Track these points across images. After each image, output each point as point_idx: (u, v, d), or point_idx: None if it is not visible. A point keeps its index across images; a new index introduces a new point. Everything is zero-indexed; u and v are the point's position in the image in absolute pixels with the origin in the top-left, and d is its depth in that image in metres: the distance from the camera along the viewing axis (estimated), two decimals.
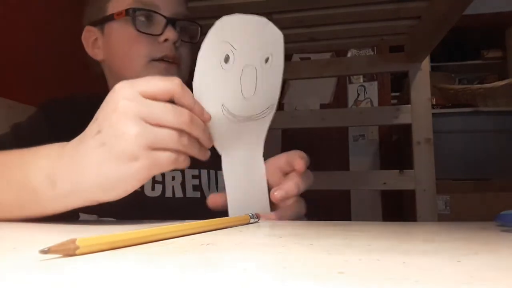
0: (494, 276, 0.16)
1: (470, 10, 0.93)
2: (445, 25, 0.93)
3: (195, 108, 0.37)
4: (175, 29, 0.59)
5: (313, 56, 1.72)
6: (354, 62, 1.38)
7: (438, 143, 1.27)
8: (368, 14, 1.01)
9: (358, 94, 2.58)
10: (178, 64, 0.61)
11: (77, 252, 0.20)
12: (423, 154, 1.20)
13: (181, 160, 0.35)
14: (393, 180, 1.24)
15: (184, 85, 0.37)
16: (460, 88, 1.96)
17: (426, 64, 1.22)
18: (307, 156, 0.47)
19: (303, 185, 0.46)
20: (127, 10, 0.60)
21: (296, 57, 1.99)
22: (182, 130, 0.35)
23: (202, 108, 0.38)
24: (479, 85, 2.01)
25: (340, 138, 2.53)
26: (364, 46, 2.26)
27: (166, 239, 0.27)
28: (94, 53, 0.66)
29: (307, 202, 0.53)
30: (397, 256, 0.20)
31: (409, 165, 1.23)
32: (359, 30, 1.10)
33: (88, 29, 0.66)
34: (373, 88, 2.55)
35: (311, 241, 0.26)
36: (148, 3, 0.60)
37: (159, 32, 0.59)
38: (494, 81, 1.99)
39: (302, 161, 0.46)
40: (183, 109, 0.36)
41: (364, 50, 2.43)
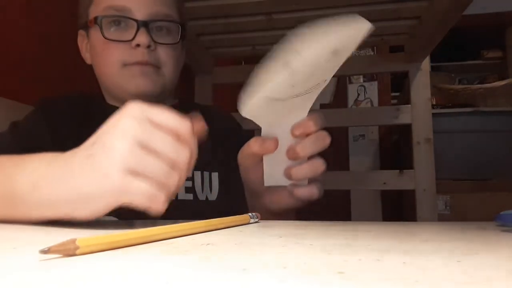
0: (494, 276, 0.16)
1: (470, 10, 0.93)
2: (445, 25, 0.93)
3: (191, 159, 0.35)
4: (149, 32, 0.58)
5: None
6: (354, 62, 1.38)
7: (438, 143, 1.27)
8: (368, 14, 1.00)
9: (358, 94, 2.59)
10: (157, 66, 0.60)
11: (77, 252, 0.20)
12: (423, 154, 1.20)
13: (157, 200, 0.31)
14: (393, 180, 1.24)
15: (193, 129, 0.35)
16: (460, 88, 1.96)
17: (426, 64, 1.22)
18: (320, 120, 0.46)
19: (320, 124, 0.45)
20: (95, 18, 0.60)
21: None
22: (172, 169, 0.33)
23: (192, 166, 0.36)
24: (479, 85, 2.01)
25: (340, 138, 2.53)
26: (364, 46, 2.26)
27: (166, 239, 0.27)
28: (85, 57, 0.67)
29: (307, 203, 0.53)
30: (397, 256, 0.20)
31: (409, 165, 1.23)
32: None
33: (80, 33, 0.67)
34: (373, 88, 2.56)
35: (311, 241, 0.26)
36: (119, 7, 0.59)
37: (131, 37, 0.58)
38: (494, 81, 1.99)
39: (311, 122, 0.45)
40: (183, 148, 0.34)
41: (364, 50, 2.43)
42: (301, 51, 0.38)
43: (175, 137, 0.33)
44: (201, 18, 1.01)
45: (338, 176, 1.29)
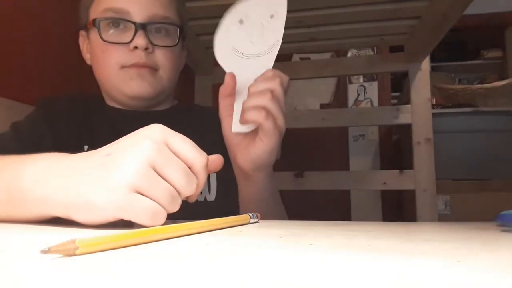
0: (494, 276, 0.16)
1: (470, 10, 0.93)
2: (445, 25, 0.94)
3: (198, 190, 0.36)
4: (147, 35, 0.59)
5: (313, 56, 1.72)
6: (354, 62, 1.38)
7: (438, 143, 1.27)
8: (368, 14, 1.01)
9: (358, 94, 2.59)
10: (154, 69, 0.61)
11: (77, 252, 0.20)
12: (423, 154, 1.20)
13: (157, 220, 0.32)
14: (393, 180, 1.24)
15: (206, 167, 0.36)
16: (460, 88, 1.96)
17: (426, 64, 1.23)
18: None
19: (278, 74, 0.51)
20: (93, 20, 0.60)
21: (296, 57, 1.99)
22: (178, 195, 0.33)
23: (197, 195, 0.37)
24: (479, 85, 2.01)
25: (340, 138, 2.53)
26: (364, 46, 2.26)
27: (166, 239, 0.27)
28: (86, 58, 0.67)
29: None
30: (397, 256, 0.20)
31: (409, 165, 1.23)
32: (359, 30, 1.10)
33: (81, 33, 0.67)
34: (373, 88, 2.56)
35: (311, 241, 0.26)
36: (118, 10, 0.59)
37: (129, 39, 0.58)
38: (494, 81, 1.99)
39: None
40: (193, 179, 0.35)
41: (364, 50, 2.43)
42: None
43: (188, 165, 0.35)
44: (201, 18, 1.01)
45: (338, 176, 1.30)
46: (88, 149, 0.59)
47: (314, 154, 2.40)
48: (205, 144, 0.38)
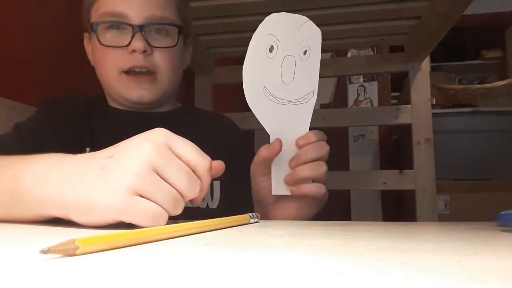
0: (494, 276, 0.16)
1: (470, 10, 0.93)
2: (445, 25, 0.93)
3: (201, 193, 0.36)
4: (145, 37, 0.58)
5: None
6: (354, 62, 1.38)
7: (438, 143, 1.27)
8: (368, 14, 1.00)
9: (358, 94, 2.58)
10: (153, 72, 0.60)
11: (77, 252, 0.20)
12: (423, 154, 1.20)
13: (158, 223, 0.31)
14: (393, 180, 1.24)
15: (210, 170, 0.36)
16: (460, 88, 1.96)
17: (426, 64, 1.22)
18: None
19: (320, 137, 0.51)
20: (92, 24, 0.60)
21: None
22: (181, 198, 0.33)
23: (201, 199, 0.37)
24: (479, 85, 2.01)
25: (340, 138, 2.53)
26: (364, 46, 2.26)
27: (166, 239, 0.27)
28: (90, 59, 0.67)
29: (312, 213, 0.55)
30: (397, 256, 0.20)
31: (409, 165, 1.23)
32: (359, 30, 1.10)
33: (85, 35, 0.67)
34: (373, 88, 2.55)
35: (311, 241, 0.26)
36: (115, 13, 0.59)
37: (127, 42, 0.58)
38: (494, 81, 1.99)
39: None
40: (196, 182, 0.35)
41: (364, 50, 2.43)
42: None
43: (191, 169, 0.34)
44: (201, 18, 1.01)
45: (338, 176, 1.29)
46: (90, 152, 0.59)
47: None
48: (207, 149, 0.38)
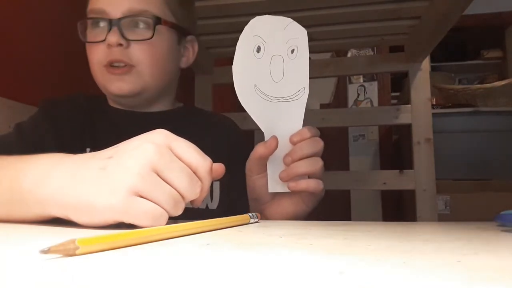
0: (494, 276, 0.16)
1: (470, 10, 0.93)
2: (445, 25, 0.93)
3: (202, 194, 0.36)
4: (120, 30, 0.58)
5: (313, 56, 1.72)
6: (354, 62, 1.38)
7: (438, 143, 1.27)
8: (368, 14, 1.00)
9: (358, 94, 2.59)
10: (132, 65, 0.60)
11: (77, 252, 0.20)
12: (423, 154, 1.20)
13: (158, 224, 0.31)
14: (393, 180, 1.24)
15: (210, 171, 0.36)
16: (460, 88, 1.96)
17: (426, 64, 1.22)
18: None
19: (314, 133, 0.51)
20: (79, 23, 0.61)
21: None
22: (181, 198, 0.33)
23: (201, 200, 0.37)
24: (479, 85, 2.01)
25: (340, 138, 2.53)
26: (364, 46, 2.26)
27: (166, 239, 0.27)
28: None
29: (309, 210, 0.55)
30: (397, 256, 0.20)
31: (409, 165, 1.23)
32: (359, 30, 1.10)
33: None
34: (373, 88, 2.56)
35: (311, 241, 0.26)
36: (96, 10, 0.60)
37: (103, 37, 0.58)
38: (494, 81, 1.99)
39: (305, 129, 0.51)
40: (197, 182, 0.35)
41: (364, 50, 2.43)
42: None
43: (192, 170, 0.35)
44: (201, 18, 1.01)
45: (338, 176, 1.29)
46: (90, 152, 0.59)
47: None
48: (207, 150, 0.38)
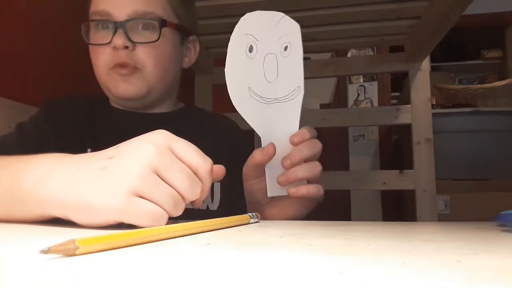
0: (494, 276, 0.16)
1: (470, 10, 0.93)
2: (445, 25, 0.93)
3: (203, 195, 0.36)
4: (126, 33, 0.58)
5: (313, 56, 1.72)
6: (354, 62, 1.38)
7: (438, 143, 1.27)
8: (368, 14, 1.00)
9: (358, 94, 2.58)
10: (138, 68, 0.60)
11: (77, 252, 0.20)
12: (423, 154, 1.20)
13: (159, 224, 0.31)
14: (393, 180, 1.24)
15: (211, 172, 0.36)
16: (460, 88, 1.96)
17: (426, 64, 1.22)
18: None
19: (313, 134, 0.49)
20: (83, 25, 0.61)
21: None
22: (182, 199, 0.34)
23: (202, 201, 0.37)
24: (479, 85, 2.01)
25: (340, 138, 2.53)
26: (364, 46, 2.26)
27: (166, 239, 0.27)
28: None
29: (307, 211, 0.54)
30: (397, 256, 0.20)
31: (409, 165, 1.23)
32: (359, 30, 1.10)
33: None
34: (373, 88, 2.56)
35: (311, 241, 0.26)
36: (101, 12, 0.59)
37: (109, 40, 0.58)
38: (494, 81, 1.99)
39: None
40: (197, 183, 0.35)
41: (364, 50, 2.43)
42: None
43: (193, 170, 0.35)
44: (201, 18, 1.01)
45: (338, 176, 1.29)
46: (91, 152, 0.59)
47: None
48: (208, 150, 0.38)
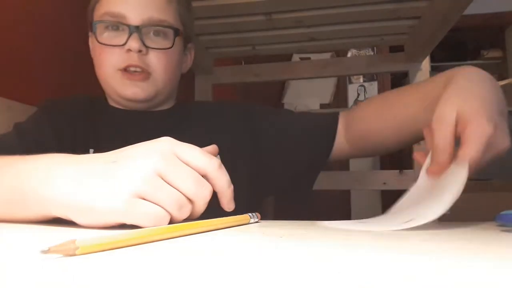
0: (494, 276, 0.16)
1: (470, 10, 0.93)
2: (445, 25, 0.93)
3: (225, 193, 0.36)
4: (141, 37, 0.59)
5: (313, 56, 1.72)
6: (354, 62, 1.38)
7: None
8: (368, 14, 1.00)
9: (358, 94, 2.58)
10: (148, 72, 0.61)
11: (77, 252, 0.20)
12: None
13: (161, 222, 0.31)
14: (393, 180, 1.24)
15: (221, 167, 0.36)
16: None
17: (426, 64, 1.22)
18: None
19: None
20: (91, 24, 0.62)
21: (296, 57, 1.99)
22: (189, 202, 0.33)
23: (231, 196, 0.37)
24: None
25: None
26: (364, 46, 2.26)
27: (166, 239, 0.27)
28: (93, 58, 0.67)
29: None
30: (397, 256, 0.20)
31: (409, 165, 1.23)
32: (359, 30, 1.10)
33: (90, 35, 0.67)
34: (373, 88, 2.55)
35: (311, 241, 0.26)
36: (115, 14, 0.60)
37: (123, 42, 0.59)
38: None
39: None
40: (206, 185, 0.34)
41: (364, 50, 2.43)
42: None
43: (202, 174, 0.34)
44: (201, 18, 1.01)
45: (338, 176, 1.29)
46: (93, 152, 0.59)
47: None
48: (210, 136, 0.38)
